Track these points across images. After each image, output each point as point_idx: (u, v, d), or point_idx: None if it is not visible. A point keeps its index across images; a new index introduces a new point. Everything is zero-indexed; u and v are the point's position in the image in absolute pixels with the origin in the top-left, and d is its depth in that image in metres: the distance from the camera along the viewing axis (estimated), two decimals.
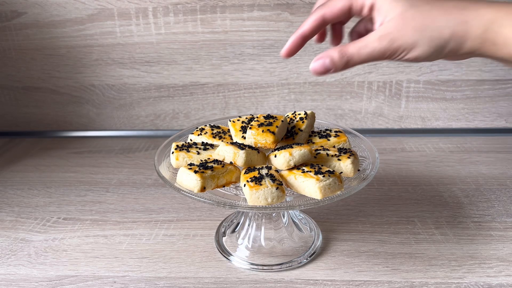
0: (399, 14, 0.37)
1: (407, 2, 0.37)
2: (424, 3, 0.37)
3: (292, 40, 0.42)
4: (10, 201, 0.65)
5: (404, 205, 0.61)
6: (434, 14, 0.36)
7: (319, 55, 0.39)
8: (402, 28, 0.36)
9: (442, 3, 0.37)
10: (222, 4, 0.79)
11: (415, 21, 0.36)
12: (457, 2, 0.37)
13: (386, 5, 0.37)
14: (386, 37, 0.37)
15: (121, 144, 0.86)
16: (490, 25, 0.35)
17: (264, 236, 0.52)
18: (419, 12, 0.36)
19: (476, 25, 0.35)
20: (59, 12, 0.81)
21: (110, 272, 0.49)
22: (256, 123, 0.48)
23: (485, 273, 0.47)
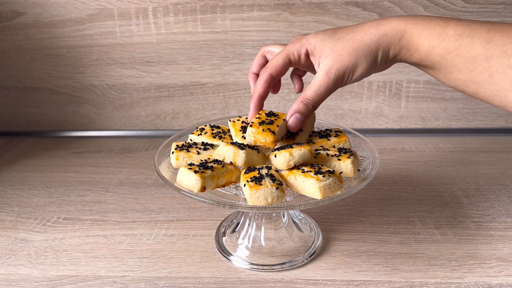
0: (331, 49, 0.43)
1: (332, 37, 0.44)
2: (346, 34, 0.43)
3: (254, 104, 0.47)
4: (10, 201, 0.65)
5: (404, 205, 0.61)
6: (358, 37, 0.42)
7: (288, 113, 0.45)
8: (339, 58, 0.43)
9: (359, 27, 0.43)
10: (222, 4, 0.79)
11: (345, 49, 0.43)
12: (370, 22, 0.43)
13: (317, 47, 0.44)
14: (331, 71, 0.43)
15: (121, 144, 0.86)
16: (403, 34, 0.41)
17: (264, 236, 0.52)
18: (346, 41, 0.43)
19: (392, 35, 0.42)
20: (59, 12, 0.81)
21: (110, 272, 0.49)
22: (257, 121, 0.47)
23: (485, 273, 0.47)
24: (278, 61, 0.46)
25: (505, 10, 0.76)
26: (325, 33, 0.45)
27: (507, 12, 0.77)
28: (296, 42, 0.46)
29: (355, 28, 0.44)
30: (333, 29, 0.45)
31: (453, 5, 0.76)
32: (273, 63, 0.46)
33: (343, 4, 0.77)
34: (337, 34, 0.44)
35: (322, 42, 0.44)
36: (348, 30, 0.44)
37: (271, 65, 0.46)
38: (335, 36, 0.44)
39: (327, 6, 0.78)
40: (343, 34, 0.44)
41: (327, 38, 0.44)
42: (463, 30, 0.39)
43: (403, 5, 0.77)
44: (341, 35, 0.44)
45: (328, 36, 0.44)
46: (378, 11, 0.77)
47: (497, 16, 0.77)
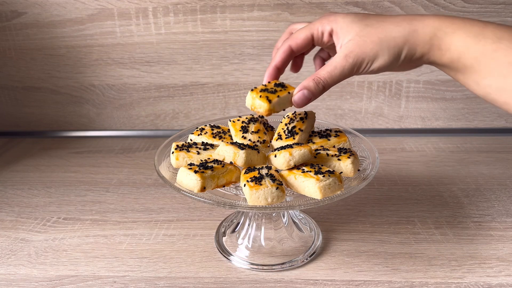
0: (357, 33, 0.41)
1: (362, 22, 0.42)
2: (376, 21, 0.41)
3: (267, 72, 0.47)
4: (10, 201, 0.65)
5: (404, 205, 0.61)
6: (387, 28, 0.41)
7: (296, 88, 0.44)
8: (362, 44, 0.41)
9: (392, 18, 0.41)
10: (222, 4, 0.79)
11: (372, 37, 0.41)
12: (405, 16, 0.41)
13: (343, 29, 0.42)
14: (351, 55, 0.41)
15: (121, 144, 0.86)
16: (435, 32, 0.39)
17: (264, 236, 0.52)
18: (374, 28, 0.41)
19: (423, 32, 0.40)
20: (59, 12, 0.81)
21: (110, 272, 0.49)
22: (261, 87, 0.47)
23: (485, 273, 0.47)
24: (299, 34, 0.45)
25: (505, 10, 0.76)
26: (355, 16, 0.43)
27: (507, 12, 0.77)
28: (323, 19, 0.44)
29: (387, 18, 0.42)
30: (364, 14, 0.43)
31: (453, 5, 0.76)
32: (294, 35, 0.45)
33: (343, 4, 0.77)
34: (367, 20, 0.42)
35: (349, 25, 0.42)
36: (379, 18, 0.42)
37: (292, 37, 0.45)
38: (364, 21, 0.42)
39: (327, 6, 0.78)
40: (373, 21, 0.42)
41: (356, 21, 0.42)
42: (503, 34, 0.37)
43: (403, 5, 0.77)
44: (370, 22, 0.42)
45: (357, 19, 0.42)
46: (378, 11, 0.77)
47: (497, 16, 0.77)
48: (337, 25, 0.43)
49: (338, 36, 0.43)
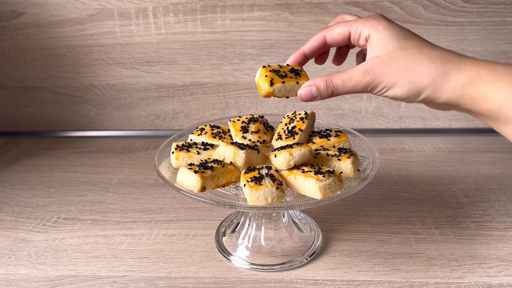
0: (387, 52, 0.38)
1: (397, 42, 0.39)
2: (412, 47, 0.38)
3: (294, 55, 0.44)
4: (10, 201, 0.65)
5: (404, 205, 0.61)
6: (419, 60, 0.37)
7: (307, 82, 0.42)
8: (386, 66, 0.38)
9: (429, 51, 0.38)
10: (222, 4, 0.79)
11: (399, 63, 0.38)
12: (443, 52, 0.38)
13: (379, 40, 0.39)
14: (370, 73, 0.39)
15: (121, 144, 0.86)
16: (471, 80, 0.36)
17: (264, 236, 0.52)
18: (406, 54, 0.38)
19: (455, 78, 0.36)
20: (59, 12, 0.81)
21: (110, 272, 0.49)
22: (274, 67, 0.45)
23: (485, 273, 0.47)
24: (337, 28, 0.42)
25: (505, 10, 0.76)
26: (397, 31, 0.39)
27: (507, 12, 0.77)
28: (366, 21, 0.41)
29: (425, 48, 0.38)
30: (407, 32, 0.40)
31: (453, 5, 0.76)
32: (333, 27, 0.42)
33: (343, 4, 0.77)
34: (406, 41, 0.39)
35: (386, 39, 0.39)
36: (418, 45, 0.39)
37: (330, 28, 0.43)
38: (401, 42, 0.39)
39: (327, 6, 0.78)
40: (410, 45, 0.38)
41: (394, 39, 0.39)
42: None
43: (403, 5, 0.77)
44: (407, 45, 0.38)
45: (396, 37, 0.39)
46: (378, 11, 0.77)
47: (497, 16, 0.77)
48: (376, 34, 0.40)
49: (372, 45, 0.40)
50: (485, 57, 0.80)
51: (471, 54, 0.80)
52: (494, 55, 0.80)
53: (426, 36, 0.86)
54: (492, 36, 0.78)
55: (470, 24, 0.78)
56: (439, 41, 0.79)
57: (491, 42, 0.79)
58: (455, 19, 0.77)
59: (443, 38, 0.79)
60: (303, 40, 0.80)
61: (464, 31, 0.78)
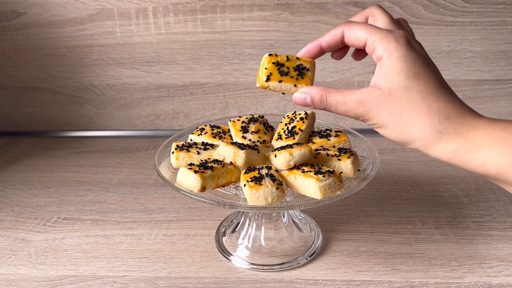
0: (390, 88, 0.35)
1: (404, 80, 0.35)
2: (417, 91, 0.35)
3: (309, 46, 0.41)
4: (10, 201, 0.65)
5: (404, 205, 0.61)
6: (416, 110, 0.35)
7: (305, 88, 0.40)
8: (383, 105, 0.36)
9: (432, 101, 0.35)
10: (222, 4, 0.79)
11: (396, 106, 0.35)
12: (446, 105, 0.35)
13: (387, 70, 0.36)
14: (365, 105, 0.36)
15: (121, 144, 0.86)
16: (465, 145, 0.33)
17: (264, 236, 0.52)
18: (406, 98, 0.35)
19: (448, 140, 0.34)
20: (59, 12, 0.81)
21: (110, 272, 0.49)
22: (282, 59, 0.42)
23: (485, 273, 0.47)
24: (357, 30, 0.38)
25: (505, 10, 0.76)
26: (410, 66, 0.35)
27: (507, 12, 0.77)
28: (384, 39, 0.36)
29: (431, 94, 0.35)
30: (421, 68, 0.35)
31: (453, 5, 0.76)
32: (354, 25, 0.38)
33: (343, 4, 0.77)
34: (414, 81, 0.35)
35: (395, 73, 0.35)
36: (425, 88, 0.35)
37: (351, 24, 0.38)
38: (409, 81, 0.35)
39: (327, 6, 0.78)
40: (415, 87, 0.35)
41: (402, 75, 0.35)
42: None
43: (403, 5, 0.77)
44: (412, 86, 0.35)
45: (405, 72, 0.35)
46: None
47: (497, 16, 0.77)
48: (387, 61, 0.36)
49: (380, 70, 0.36)
50: (485, 57, 0.80)
51: (471, 54, 0.80)
52: (494, 55, 0.80)
53: (426, 36, 0.85)
54: (492, 36, 0.78)
55: (470, 24, 0.78)
56: (439, 41, 0.79)
57: (491, 42, 0.79)
58: (455, 19, 0.77)
59: (443, 38, 0.79)
60: (303, 40, 0.80)
61: (464, 31, 0.78)
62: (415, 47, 0.36)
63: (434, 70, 0.36)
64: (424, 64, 0.36)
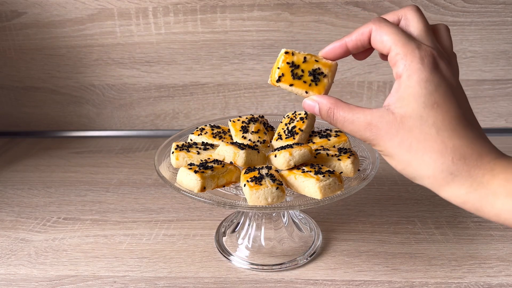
0: (403, 115, 0.32)
1: (421, 109, 0.31)
2: (432, 123, 0.31)
3: (332, 47, 0.38)
4: (10, 201, 0.65)
5: (404, 205, 0.61)
6: (428, 145, 0.31)
7: (317, 96, 0.38)
8: (392, 133, 0.32)
9: (447, 137, 0.31)
10: (222, 4, 0.79)
11: (406, 136, 0.32)
12: (462, 144, 0.31)
13: (404, 92, 0.32)
14: (373, 129, 0.33)
15: (121, 144, 0.86)
16: (479, 190, 0.30)
17: (264, 236, 0.52)
18: (419, 130, 0.31)
19: (461, 183, 0.31)
20: (59, 12, 0.81)
21: (110, 272, 0.49)
22: (299, 58, 0.39)
23: (485, 273, 0.47)
24: (383, 34, 0.34)
25: (505, 10, 0.76)
26: (430, 94, 0.31)
27: (507, 12, 0.77)
28: (408, 54, 0.32)
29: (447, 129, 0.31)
30: (441, 97, 0.31)
31: (453, 5, 0.76)
32: (382, 28, 0.34)
33: (343, 4, 0.77)
34: (431, 110, 0.31)
35: (412, 97, 0.32)
36: (442, 121, 0.31)
37: (381, 24, 0.34)
38: (425, 110, 0.31)
39: (327, 6, 0.78)
40: (431, 118, 0.31)
41: (420, 102, 0.31)
42: None
43: (403, 5, 0.77)
44: (428, 116, 0.31)
45: (423, 100, 0.31)
46: (378, 11, 0.77)
47: (497, 16, 0.77)
48: (406, 82, 0.32)
49: (397, 89, 0.33)
50: (485, 57, 0.80)
51: (471, 54, 0.80)
52: (494, 55, 0.80)
53: None
54: (492, 36, 0.78)
55: (470, 24, 0.78)
56: None
57: (491, 42, 0.79)
58: (455, 19, 0.77)
59: None
60: (303, 40, 0.80)
61: (464, 31, 0.78)
62: (442, 70, 0.32)
63: (458, 99, 0.32)
64: (446, 92, 0.31)
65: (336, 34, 0.79)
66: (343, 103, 0.36)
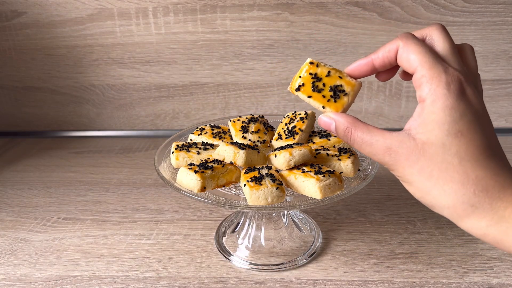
0: (425, 141, 0.31)
1: (444, 136, 0.30)
2: (455, 152, 0.30)
3: (357, 65, 0.37)
4: (10, 201, 0.65)
5: (404, 205, 0.61)
6: (449, 175, 0.30)
7: (334, 114, 0.36)
8: (412, 160, 0.31)
9: (469, 167, 0.30)
10: (222, 4, 0.79)
11: (427, 164, 0.31)
12: (485, 175, 0.30)
13: (427, 118, 0.31)
14: (392, 154, 0.32)
15: (121, 144, 0.86)
16: (501, 223, 0.29)
17: (264, 236, 0.52)
18: (441, 158, 0.30)
19: (482, 215, 0.29)
20: (59, 12, 0.81)
21: (110, 272, 0.49)
22: (322, 71, 0.38)
23: (485, 273, 0.47)
24: (412, 53, 0.32)
25: (505, 10, 0.76)
26: (454, 122, 0.30)
27: (507, 12, 0.76)
28: (434, 78, 0.31)
29: (470, 160, 0.30)
30: (466, 126, 0.30)
31: (453, 5, 0.76)
32: (411, 44, 0.33)
33: (343, 4, 0.77)
34: (454, 139, 0.30)
35: (436, 123, 0.30)
36: (465, 151, 0.30)
37: (409, 41, 0.33)
38: (448, 138, 0.30)
39: (327, 6, 0.78)
40: (454, 147, 0.30)
41: (443, 130, 0.30)
42: None
43: (403, 5, 0.77)
44: (451, 145, 0.30)
45: (447, 127, 0.30)
46: (378, 11, 0.77)
47: (497, 16, 0.77)
48: (430, 107, 0.30)
49: (420, 113, 0.31)
50: (485, 57, 0.80)
51: None
52: (494, 55, 0.80)
53: None
54: (492, 36, 0.78)
55: (470, 24, 0.78)
56: None
57: (491, 42, 0.79)
58: (455, 19, 0.77)
59: None
60: (303, 40, 0.80)
61: (464, 31, 0.78)
62: (468, 96, 0.31)
63: (483, 128, 0.31)
64: (471, 120, 0.30)
65: (336, 34, 0.79)
66: (361, 123, 0.35)
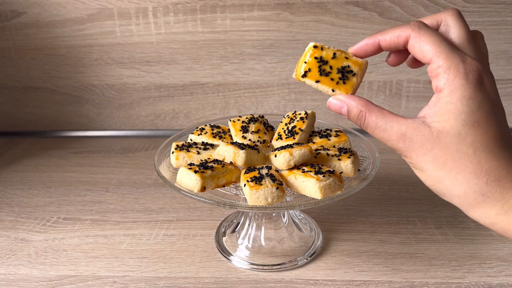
0: (440, 130, 0.31)
1: (460, 126, 0.30)
2: (470, 142, 0.30)
3: (364, 43, 0.35)
4: (10, 201, 0.65)
5: (405, 205, 0.61)
6: (463, 165, 0.30)
7: (345, 96, 0.35)
8: (426, 147, 0.31)
9: (483, 158, 0.30)
10: (222, 4, 0.79)
11: (441, 153, 0.31)
12: (498, 166, 0.30)
13: (444, 108, 0.31)
14: (406, 141, 0.32)
15: (121, 144, 0.86)
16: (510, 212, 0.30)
17: (264, 236, 0.52)
18: (455, 148, 0.30)
19: (492, 204, 0.30)
20: (59, 12, 0.81)
21: (110, 272, 0.49)
22: (328, 53, 0.37)
23: (486, 273, 0.47)
24: (425, 44, 0.31)
25: (505, 10, 0.76)
26: (471, 112, 0.30)
27: (507, 12, 0.76)
28: (452, 68, 0.30)
29: (484, 150, 0.30)
30: (483, 116, 0.30)
31: (453, 5, 0.76)
32: (424, 35, 0.31)
33: (343, 3, 0.77)
34: (470, 129, 0.30)
35: (452, 114, 0.30)
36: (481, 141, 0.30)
37: (421, 32, 0.32)
38: (464, 129, 0.30)
39: (327, 6, 0.78)
40: (470, 137, 0.30)
41: (459, 120, 0.30)
42: None
43: (403, 4, 0.77)
44: (466, 135, 0.30)
45: (464, 117, 0.30)
46: (378, 11, 0.77)
47: (498, 16, 0.77)
48: (447, 97, 0.30)
49: (436, 103, 0.31)
50: None
51: None
52: (494, 55, 0.80)
53: None
54: (493, 36, 0.78)
55: (470, 24, 0.78)
56: None
57: (491, 42, 0.79)
58: None
59: None
60: (303, 40, 0.80)
61: None
62: (486, 86, 0.30)
63: (499, 118, 0.31)
64: (489, 110, 0.30)
65: (336, 34, 0.79)
66: (375, 107, 0.34)
